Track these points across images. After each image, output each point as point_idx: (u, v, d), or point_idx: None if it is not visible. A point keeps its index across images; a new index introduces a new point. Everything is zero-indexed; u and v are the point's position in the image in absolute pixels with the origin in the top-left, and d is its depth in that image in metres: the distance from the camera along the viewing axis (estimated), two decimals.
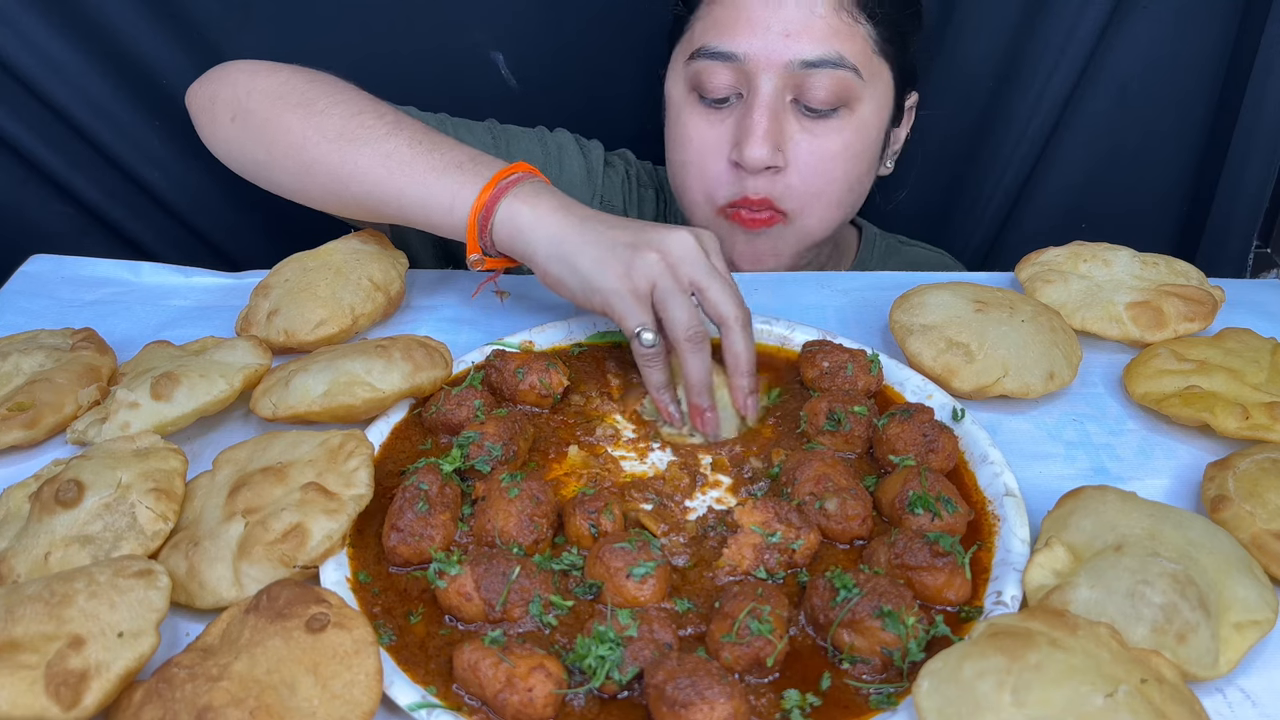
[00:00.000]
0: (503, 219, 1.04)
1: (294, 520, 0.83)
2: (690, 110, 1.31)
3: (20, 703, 0.67)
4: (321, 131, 1.13)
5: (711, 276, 1.00)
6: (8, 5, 1.44)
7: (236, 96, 1.19)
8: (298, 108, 1.15)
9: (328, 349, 1.05)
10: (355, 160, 1.11)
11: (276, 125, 1.15)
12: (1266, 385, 1.02)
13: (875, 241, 1.56)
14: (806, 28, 1.22)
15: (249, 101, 1.18)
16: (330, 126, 1.13)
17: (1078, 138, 1.68)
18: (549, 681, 0.72)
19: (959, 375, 1.05)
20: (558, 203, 1.04)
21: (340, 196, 1.15)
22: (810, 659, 0.78)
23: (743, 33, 1.23)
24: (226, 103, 1.20)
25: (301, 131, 1.13)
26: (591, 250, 1.00)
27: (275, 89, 1.17)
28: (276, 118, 1.15)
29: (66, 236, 1.59)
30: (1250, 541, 0.85)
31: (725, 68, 1.25)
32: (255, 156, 1.19)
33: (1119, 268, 1.19)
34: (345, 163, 1.11)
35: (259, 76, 1.19)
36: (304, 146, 1.13)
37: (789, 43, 1.22)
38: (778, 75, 1.23)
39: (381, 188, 1.10)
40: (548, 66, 1.66)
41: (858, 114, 1.28)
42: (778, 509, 0.86)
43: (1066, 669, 0.68)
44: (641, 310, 0.99)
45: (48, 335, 1.11)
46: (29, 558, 0.82)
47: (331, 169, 1.12)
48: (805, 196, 1.29)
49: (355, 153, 1.11)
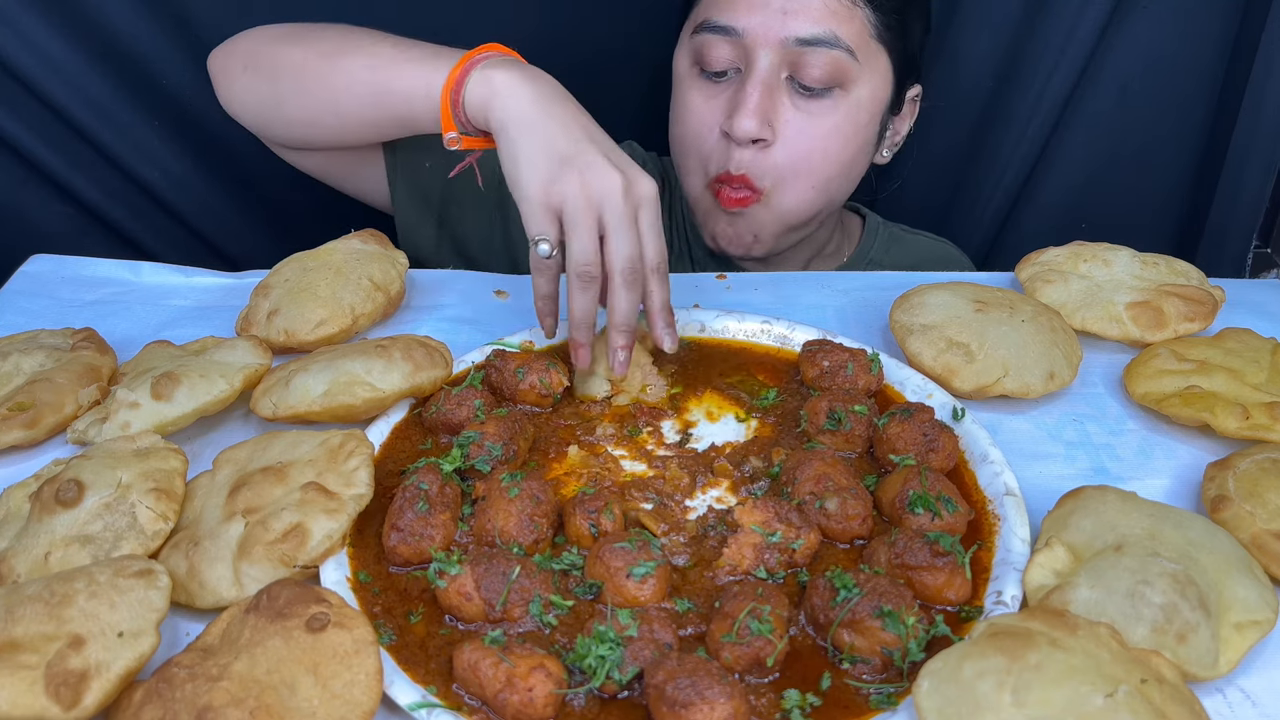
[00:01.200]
0: (474, 88, 1.07)
1: (294, 520, 0.83)
2: (691, 83, 1.35)
3: (20, 703, 0.67)
4: (317, 51, 1.20)
5: (620, 224, 0.99)
6: (8, 5, 1.44)
7: (248, 49, 1.28)
8: (299, 41, 1.23)
9: (328, 349, 1.05)
10: (346, 69, 1.17)
11: (280, 58, 1.23)
12: (1266, 385, 1.02)
13: (878, 230, 1.56)
14: (805, 6, 1.26)
15: (258, 48, 1.26)
16: (325, 47, 1.20)
17: (1078, 138, 1.68)
18: (549, 681, 0.72)
19: (959, 375, 1.05)
20: (528, 75, 1.06)
21: (338, 112, 1.21)
22: (810, 659, 0.78)
23: (743, 9, 1.27)
24: (241, 55, 1.28)
25: (302, 57, 1.21)
26: (530, 143, 1.01)
27: (283, 34, 1.26)
28: (281, 53, 1.23)
29: (66, 236, 1.59)
30: (1250, 541, 0.85)
31: (725, 42, 1.28)
32: (264, 96, 1.26)
33: (1119, 268, 1.19)
34: (337, 72, 1.17)
35: (270, 29, 1.28)
36: (303, 69, 1.20)
37: (787, 20, 1.25)
38: (774, 51, 1.26)
39: (369, 89, 1.16)
40: (548, 66, 1.66)
41: (851, 96, 1.30)
42: (778, 508, 0.86)
43: (1066, 669, 0.68)
44: (546, 221, 1.00)
45: (48, 335, 1.10)
46: (29, 558, 0.82)
47: (327, 84, 1.19)
48: (785, 173, 1.31)
49: (345, 62, 1.17)
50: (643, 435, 1.02)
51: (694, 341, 1.15)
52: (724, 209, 1.34)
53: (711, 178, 1.34)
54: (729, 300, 1.23)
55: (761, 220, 1.35)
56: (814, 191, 1.34)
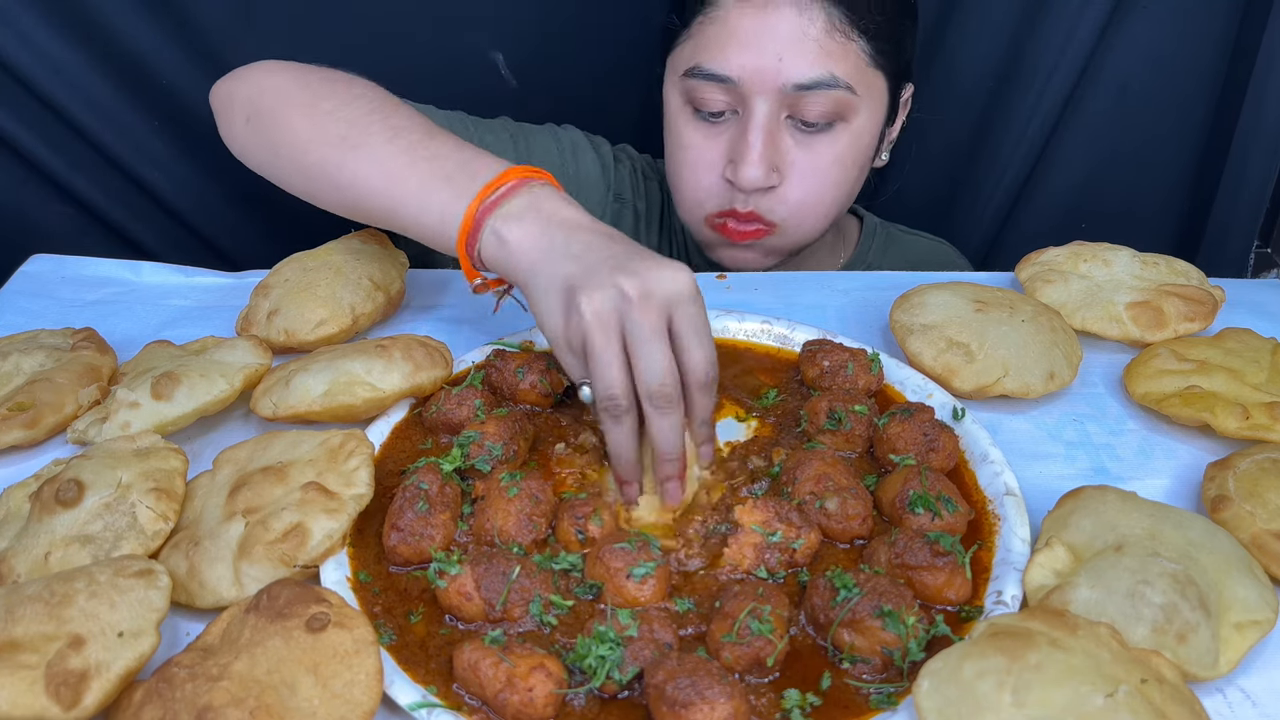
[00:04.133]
0: (488, 243, 0.96)
1: (294, 520, 0.83)
2: (686, 122, 1.32)
3: (20, 703, 0.67)
4: (324, 134, 1.09)
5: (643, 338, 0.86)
6: (8, 5, 1.44)
7: (251, 96, 1.17)
8: (304, 108, 1.11)
9: (328, 349, 1.05)
10: (353, 168, 1.06)
11: (283, 126, 1.12)
12: (1267, 385, 1.02)
13: (875, 231, 1.56)
14: (799, 50, 1.22)
15: (261, 100, 1.16)
16: (332, 130, 1.08)
17: (1078, 138, 1.68)
18: (549, 681, 0.72)
19: (959, 375, 1.05)
20: (542, 221, 0.94)
21: (342, 203, 1.10)
22: (810, 659, 0.78)
23: (734, 55, 1.23)
24: (242, 102, 1.18)
25: (306, 134, 1.10)
26: (544, 291, 0.91)
27: (286, 88, 1.14)
28: (284, 119, 1.12)
29: (66, 236, 1.59)
30: (1250, 541, 0.85)
31: (719, 88, 1.26)
32: (264, 158, 1.17)
33: (1119, 268, 1.19)
34: (344, 169, 1.06)
35: (274, 75, 1.17)
36: (306, 150, 1.10)
37: (782, 67, 1.22)
38: (771, 98, 1.24)
39: (377, 199, 1.05)
40: (548, 66, 1.66)
41: (853, 125, 1.29)
42: (778, 508, 0.86)
43: (1066, 669, 0.68)
44: (576, 365, 0.91)
45: (48, 335, 1.11)
46: (29, 558, 0.82)
47: (331, 175, 1.08)
48: (796, 207, 1.30)
49: (354, 159, 1.06)
50: None
51: None
52: (731, 242, 1.33)
53: (709, 214, 1.33)
54: (729, 300, 1.23)
55: (770, 246, 1.35)
56: (825, 220, 1.34)
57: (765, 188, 1.28)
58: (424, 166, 1.02)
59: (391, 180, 1.03)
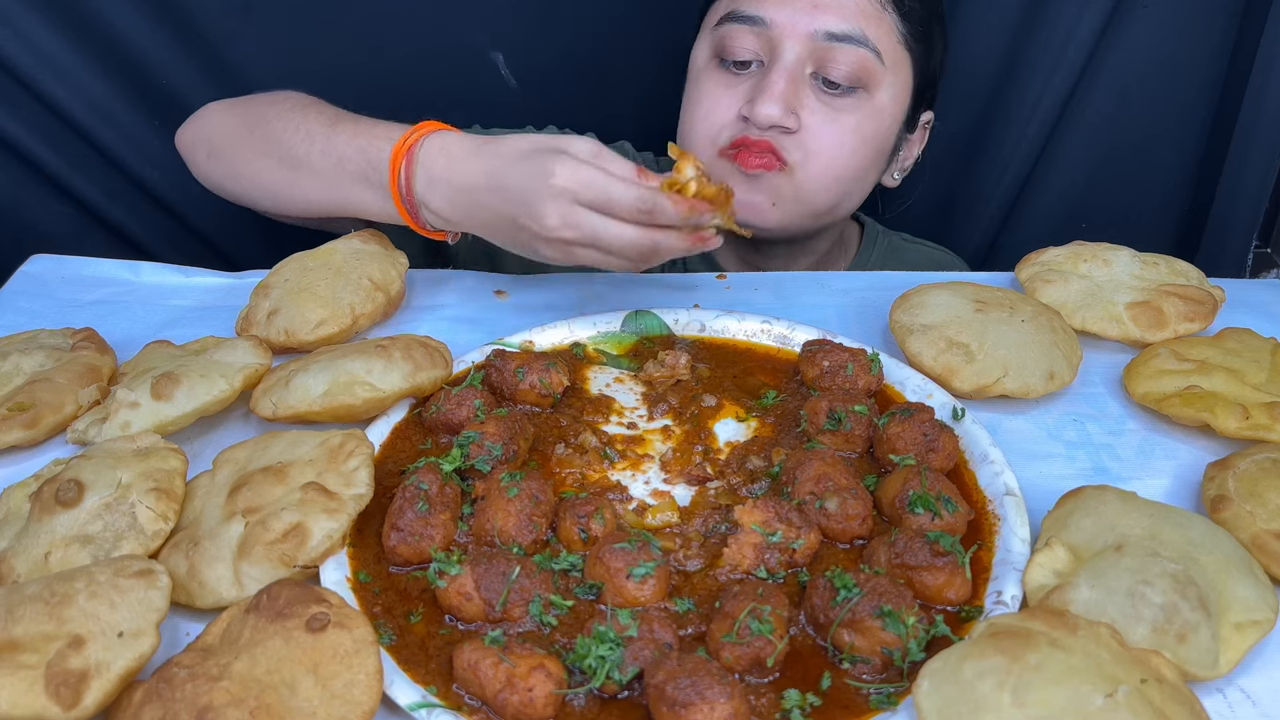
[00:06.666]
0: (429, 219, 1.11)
1: (294, 520, 0.83)
2: (709, 74, 1.32)
3: (20, 703, 0.67)
4: (269, 158, 1.20)
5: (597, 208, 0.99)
6: (8, 5, 1.44)
7: (208, 135, 1.28)
8: (248, 137, 1.23)
9: (328, 349, 1.05)
10: (303, 184, 1.18)
11: (239, 156, 1.24)
12: (1266, 385, 1.02)
13: (877, 238, 1.56)
14: (836, 2, 1.25)
15: (217, 138, 1.27)
16: (273, 152, 1.19)
17: (1078, 138, 1.68)
18: (549, 681, 0.72)
19: (959, 375, 1.05)
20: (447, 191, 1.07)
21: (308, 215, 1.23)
22: (810, 659, 0.78)
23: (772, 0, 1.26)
24: (202, 142, 1.28)
25: (258, 162, 1.21)
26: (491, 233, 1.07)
27: (234, 123, 1.26)
28: (237, 150, 1.24)
29: (66, 236, 1.59)
30: (1250, 541, 0.85)
31: (751, 32, 1.27)
32: (232, 188, 1.27)
33: (1119, 268, 1.19)
34: (296, 188, 1.19)
35: (224, 114, 1.28)
36: (262, 175, 1.22)
37: (816, 14, 1.24)
38: (801, 44, 1.25)
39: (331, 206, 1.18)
40: (548, 66, 1.66)
41: (875, 99, 1.29)
42: (778, 508, 0.86)
43: (1066, 669, 0.68)
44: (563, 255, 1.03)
45: (48, 335, 1.10)
46: (29, 558, 0.82)
47: (289, 194, 1.20)
48: (812, 154, 1.28)
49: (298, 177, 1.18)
50: (646, 441, 1.01)
51: (694, 341, 1.14)
52: (743, 171, 1.27)
53: (722, 146, 1.29)
54: (729, 300, 1.23)
55: (780, 189, 1.29)
56: (834, 182, 1.31)
57: (781, 128, 1.26)
58: (344, 168, 1.14)
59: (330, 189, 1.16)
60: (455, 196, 1.06)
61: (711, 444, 1.01)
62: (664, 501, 0.93)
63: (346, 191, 1.14)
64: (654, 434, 1.02)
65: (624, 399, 1.07)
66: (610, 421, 1.04)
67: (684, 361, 1.08)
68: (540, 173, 0.99)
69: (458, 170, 1.06)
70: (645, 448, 1.00)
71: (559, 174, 0.98)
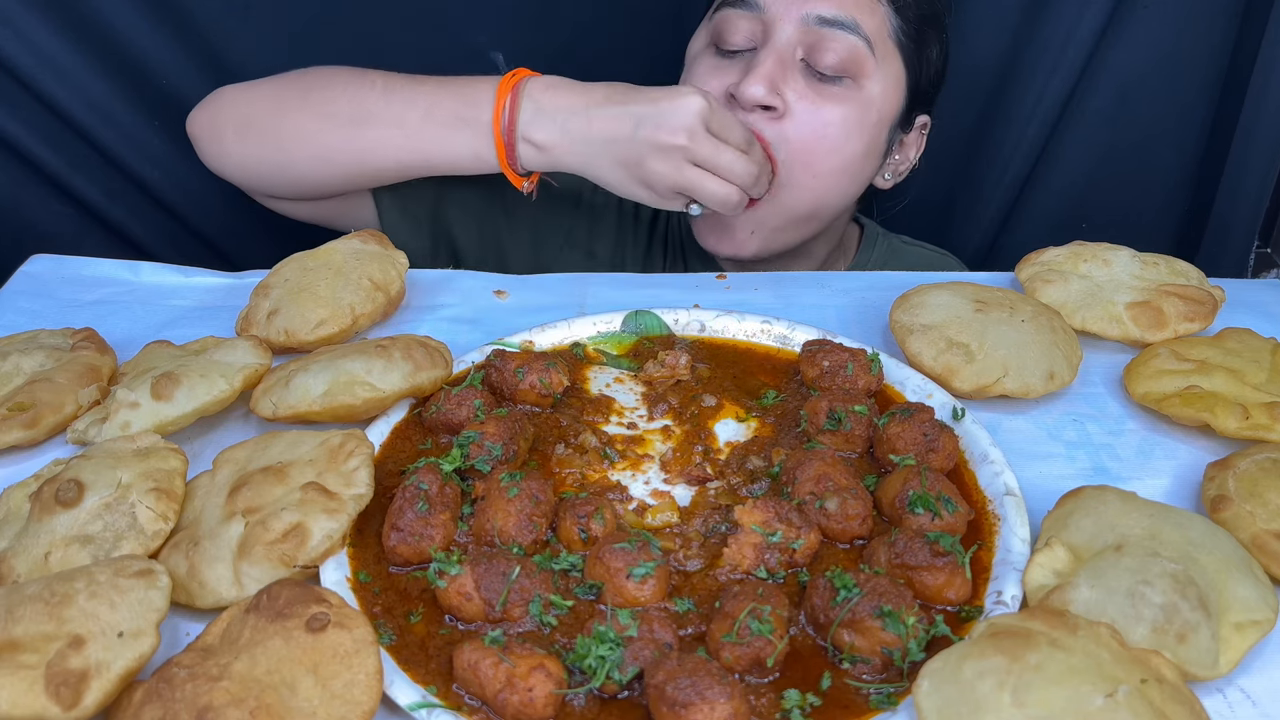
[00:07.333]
0: (525, 153, 1.19)
1: (294, 520, 0.83)
2: (703, 61, 1.34)
3: (20, 703, 0.67)
4: (332, 119, 1.22)
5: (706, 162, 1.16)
6: (8, 5, 1.44)
7: (240, 112, 1.27)
8: (299, 103, 1.23)
9: (328, 349, 1.05)
10: (375, 139, 1.21)
11: (285, 124, 1.24)
12: (1266, 385, 1.02)
13: (877, 240, 1.55)
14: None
15: (249, 111, 1.26)
16: (338, 112, 1.22)
17: (1078, 138, 1.68)
18: (549, 681, 0.72)
19: (959, 375, 1.05)
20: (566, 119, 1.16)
21: (363, 174, 1.26)
22: (810, 659, 0.78)
23: None
24: (231, 120, 1.28)
25: (313, 124, 1.23)
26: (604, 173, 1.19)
27: (271, 94, 1.27)
28: (283, 117, 1.24)
29: (66, 236, 1.59)
30: (1250, 541, 0.85)
31: (745, 17, 1.29)
32: (270, 159, 1.27)
33: (1119, 268, 1.19)
34: (364, 141, 1.22)
35: (251, 90, 1.29)
36: (318, 137, 1.22)
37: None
38: (793, 26, 1.27)
39: (408, 157, 1.22)
40: (547, 66, 1.66)
41: (863, 91, 1.29)
42: (778, 508, 0.86)
43: (1066, 669, 0.68)
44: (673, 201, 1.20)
45: (48, 335, 1.10)
46: (29, 558, 0.82)
47: (352, 152, 1.23)
48: (798, 149, 1.28)
49: (373, 133, 1.21)
50: (646, 442, 1.01)
51: (694, 341, 1.15)
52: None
53: None
54: (729, 300, 1.23)
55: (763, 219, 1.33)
56: (815, 181, 1.31)
57: (766, 108, 1.27)
58: (437, 112, 1.20)
59: (411, 138, 1.20)
60: (567, 121, 1.16)
61: (711, 444, 1.01)
62: (664, 501, 0.93)
63: (431, 136, 1.19)
64: (654, 434, 1.02)
65: (624, 399, 1.07)
66: (610, 421, 1.04)
67: (684, 361, 1.08)
68: (672, 91, 1.16)
69: (575, 98, 1.16)
70: (645, 448, 1.00)
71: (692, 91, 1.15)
